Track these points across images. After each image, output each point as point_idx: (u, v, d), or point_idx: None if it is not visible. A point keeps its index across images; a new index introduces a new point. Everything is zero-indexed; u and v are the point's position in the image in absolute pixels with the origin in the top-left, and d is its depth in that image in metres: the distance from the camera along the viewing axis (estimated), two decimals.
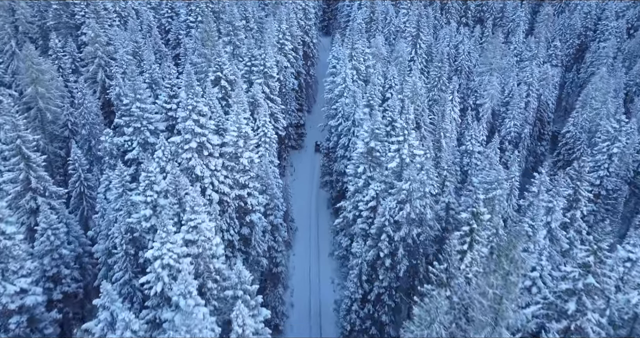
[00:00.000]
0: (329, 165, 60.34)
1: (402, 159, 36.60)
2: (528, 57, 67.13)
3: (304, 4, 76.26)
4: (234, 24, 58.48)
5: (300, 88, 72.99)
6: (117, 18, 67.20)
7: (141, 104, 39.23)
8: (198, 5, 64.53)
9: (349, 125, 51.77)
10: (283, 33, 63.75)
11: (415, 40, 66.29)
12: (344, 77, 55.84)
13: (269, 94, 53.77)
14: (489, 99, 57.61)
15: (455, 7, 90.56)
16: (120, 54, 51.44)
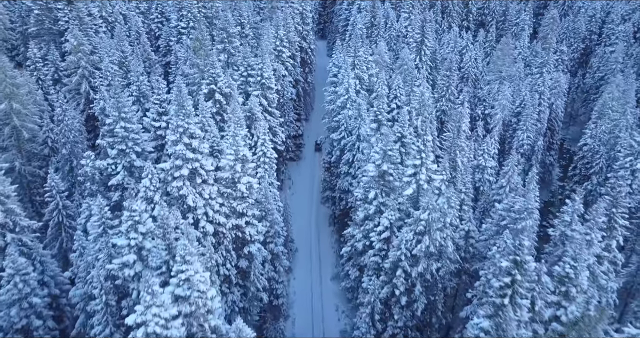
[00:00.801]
0: (331, 180, 55.96)
1: (419, 185, 32.31)
2: (537, 63, 63.11)
3: (301, 8, 71.74)
4: (228, 30, 53.88)
5: (298, 96, 68.54)
6: (103, 24, 62.44)
7: (126, 124, 34.61)
8: (190, 10, 59.85)
9: (354, 140, 47.43)
10: (280, 40, 59.26)
11: (420, 47, 62.07)
12: (347, 88, 51.49)
13: (267, 106, 49.31)
14: (500, 110, 53.50)
15: (456, 10, 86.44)
16: (105, 64, 46.72)
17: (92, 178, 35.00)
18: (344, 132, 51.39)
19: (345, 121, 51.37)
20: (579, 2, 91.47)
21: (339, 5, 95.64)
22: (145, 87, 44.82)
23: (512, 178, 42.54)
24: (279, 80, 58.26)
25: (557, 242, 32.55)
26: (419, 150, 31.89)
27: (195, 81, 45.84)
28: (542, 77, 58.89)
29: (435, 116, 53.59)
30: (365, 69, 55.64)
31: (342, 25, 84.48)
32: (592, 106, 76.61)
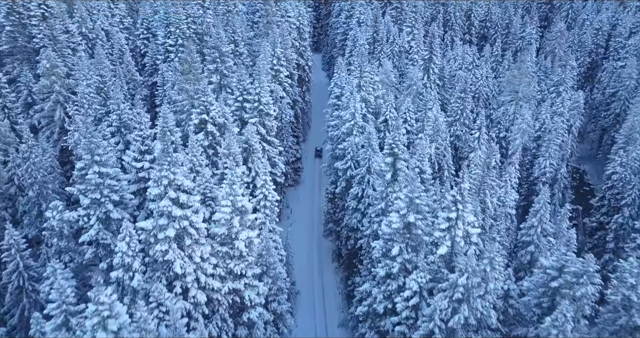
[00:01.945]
0: (335, 211, 49.99)
1: (454, 241, 26.44)
2: (553, 81, 57.87)
3: (298, 23, 65.95)
4: (220, 49, 47.80)
5: (296, 118, 62.65)
6: (83, 41, 56.04)
7: (101, 168, 28.32)
8: (178, 26, 53.69)
9: (363, 173, 41.51)
10: (278, 58, 53.33)
11: (428, 64, 56.53)
12: (353, 113, 45.64)
13: (266, 135, 43.29)
14: (519, 134, 48.02)
15: (459, 23, 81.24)
16: (81, 89, 40.39)
17: (59, 234, 28.63)
18: (351, 161, 45.49)
19: (351, 149, 45.48)
20: (583, 14, 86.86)
21: (335, 18, 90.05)
22: (126, 117, 38.56)
23: (544, 218, 36.92)
24: (277, 103, 52.32)
25: (619, 307, 26.90)
26: (455, 201, 26.03)
27: (184, 109, 39.69)
28: (561, 96, 53.57)
29: (449, 142, 47.95)
30: (371, 90, 49.87)
31: (340, 39, 78.84)
32: (604, 124, 72.05)
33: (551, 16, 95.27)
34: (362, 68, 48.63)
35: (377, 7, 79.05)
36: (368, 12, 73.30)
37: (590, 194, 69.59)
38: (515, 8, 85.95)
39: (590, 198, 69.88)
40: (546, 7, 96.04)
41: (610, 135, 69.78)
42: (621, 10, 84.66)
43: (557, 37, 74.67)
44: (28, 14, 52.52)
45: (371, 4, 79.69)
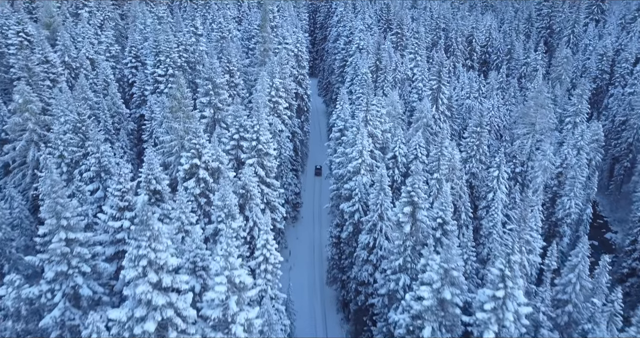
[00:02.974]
0: (340, 258, 44.50)
1: (501, 325, 21.11)
2: (570, 112, 53.51)
3: (297, 50, 61.43)
4: (214, 80, 42.94)
5: (295, 150, 57.53)
6: (65, 71, 50.93)
7: (69, 234, 22.84)
8: (169, 55, 48.75)
9: (375, 220, 36.23)
10: (276, 89, 48.50)
11: (436, 94, 51.99)
12: (361, 150, 40.61)
13: (265, 177, 38.05)
14: (540, 171, 43.29)
15: (460, 49, 77.42)
16: (56, 129, 35.01)
17: (16, 314, 22.94)
18: (359, 204, 40.28)
19: (359, 190, 40.34)
20: (585, 39, 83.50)
21: (333, 43, 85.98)
22: (106, 160, 33.19)
23: (583, 274, 31.77)
24: (275, 137, 47.31)
25: None
26: (503, 276, 20.83)
27: (173, 150, 34.44)
28: (579, 128, 49.08)
29: (464, 180, 43.00)
30: (378, 124, 45.04)
31: (339, 65, 74.43)
32: (614, 153, 67.74)
33: (551, 41, 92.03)
34: (369, 100, 43.81)
35: (377, 32, 75.10)
36: (368, 38, 69.16)
37: (604, 227, 64.96)
38: (516, 33, 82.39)
39: (605, 231, 65.32)
40: (545, 32, 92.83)
41: (623, 165, 65.52)
42: (624, 35, 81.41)
43: (563, 63, 70.87)
44: (6, 42, 47.52)
45: (370, 29, 75.69)
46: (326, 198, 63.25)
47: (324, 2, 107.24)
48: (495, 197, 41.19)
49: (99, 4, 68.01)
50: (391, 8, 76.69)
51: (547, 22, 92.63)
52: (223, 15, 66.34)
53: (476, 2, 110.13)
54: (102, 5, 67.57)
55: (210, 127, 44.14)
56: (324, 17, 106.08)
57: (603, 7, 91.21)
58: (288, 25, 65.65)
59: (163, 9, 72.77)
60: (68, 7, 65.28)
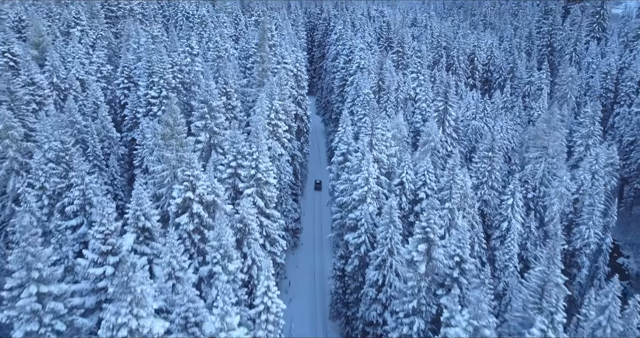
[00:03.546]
0: (344, 292, 41.25)
1: None
2: (581, 134, 51.05)
3: (296, 70, 59.02)
4: (210, 103, 40.20)
5: (295, 174, 54.63)
6: (53, 92, 48.10)
7: (42, 287, 19.68)
8: (162, 76, 46.03)
9: (385, 255, 33.18)
10: (275, 111, 45.82)
11: (442, 116, 49.43)
12: (367, 177, 37.74)
13: (264, 208, 35.02)
14: (557, 199, 40.53)
15: (462, 67, 75.38)
16: (37, 158, 31.94)
17: None
18: (365, 235, 37.29)
19: (365, 220, 37.38)
20: (588, 57, 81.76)
21: (332, 62, 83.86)
22: (91, 192, 30.14)
23: (614, 316, 28.75)
24: (275, 161, 44.46)
25: None
26: None
27: (165, 181, 31.43)
28: (594, 152, 46.49)
29: (476, 209, 40.15)
30: (384, 148, 42.30)
31: (338, 84, 72.03)
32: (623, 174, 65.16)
33: (552, 59, 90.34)
34: (374, 124, 41.12)
35: (377, 51, 73.05)
36: (369, 56, 66.93)
37: (615, 251, 62.10)
38: (518, 51, 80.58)
39: (616, 256, 62.46)
40: (546, 49, 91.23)
41: (633, 186, 63.11)
42: (627, 53, 79.74)
43: (568, 81, 68.73)
44: None
45: (370, 48, 73.61)
46: (327, 217, 61.10)
47: (321, 20, 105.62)
48: (511, 227, 38.38)
49: (91, 22, 65.58)
50: (391, 26, 74.71)
51: (547, 40, 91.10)
52: (220, 33, 64.06)
53: (475, 20, 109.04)
54: (95, 23, 65.12)
55: (206, 152, 41.24)
56: (322, 35, 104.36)
57: (604, 25, 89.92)
58: (286, 44, 63.39)
59: (158, 28, 70.49)
60: (59, 26, 62.80)
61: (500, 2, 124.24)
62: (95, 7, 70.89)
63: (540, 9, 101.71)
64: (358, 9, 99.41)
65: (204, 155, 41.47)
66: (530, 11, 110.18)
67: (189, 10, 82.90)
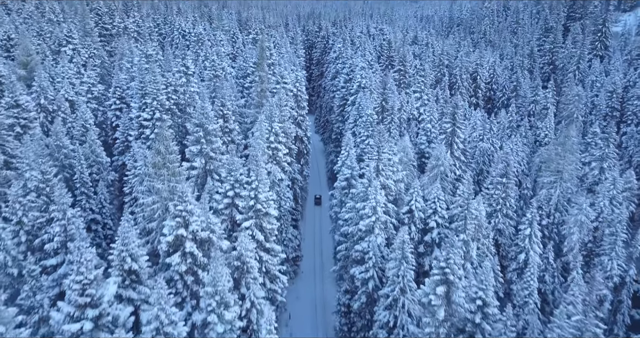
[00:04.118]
0: (350, 329, 38.02)
1: None
2: (596, 156, 48.57)
3: (296, 89, 56.66)
4: (206, 127, 37.51)
5: (295, 198, 51.79)
6: (40, 114, 45.35)
7: None
8: (156, 97, 43.41)
9: (396, 295, 30.17)
10: (275, 134, 43.15)
11: (450, 138, 46.87)
12: (374, 206, 34.92)
13: (264, 241, 32.01)
14: (576, 228, 37.78)
15: (465, 86, 73.35)
16: (14, 190, 28.95)
17: None
18: (373, 269, 34.31)
19: (373, 253, 34.46)
20: (592, 76, 79.98)
21: (331, 80, 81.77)
22: (73, 228, 27.15)
23: None
24: (275, 187, 41.64)
25: None
26: None
27: (155, 215, 28.47)
28: (610, 176, 43.91)
29: (491, 239, 37.31)
30: (391, 173, 39.58)
31: (339, 104, 69.69)
32: None
33: (554, 77, 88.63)
34: (380, 148, 38.45)
35: (378, 70, 71.00)
36: (370, 75, 64.74)
37: None
38: (521, 69, 78.80)
39: None
40: (548, 67, 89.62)
41: None
42: (632, 71, 78.03)
43: (574, 100, 66.68)
44: None
45: (371, 66, 71.55)
46: (327, 240, 58.54)
47: (320, 38, 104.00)
48: (529, 260, 35.53)
49: (84, 40, 63.21)
50: (392, 44, 72.78)
51: (549, 58, 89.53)
52: (217, 52, 61.79)
53: (475, 38, 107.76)
54: (88, 42, 62.75)
55: (201, 178, 38.39)
56: (321, 53, 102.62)
57: (606, 43, 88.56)
58: (286, 63, 61.15)
59: (154, 46, 68.31)
60: (50, 45, 60.38)
61: (499, 19, 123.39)
62: (89, 25, 68.68)
63: (540, 26, 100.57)
64: (357, 27, 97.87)
65: (199, 181, 38.63)
66: (530, 29, 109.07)
67: (186, 28, 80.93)
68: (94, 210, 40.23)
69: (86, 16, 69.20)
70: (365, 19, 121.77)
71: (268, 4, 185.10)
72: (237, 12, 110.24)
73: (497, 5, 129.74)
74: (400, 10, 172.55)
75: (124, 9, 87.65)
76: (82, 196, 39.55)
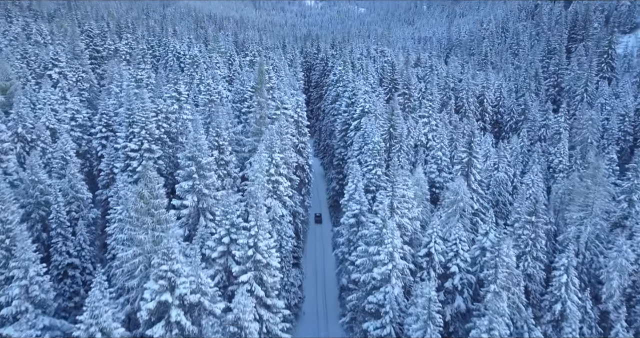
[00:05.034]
0: None
1: None
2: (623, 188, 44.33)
3: (297, 115, 52.50)
4: (199, 160, 32.98)
5: (297, 234, 47.05)
6: (17, 144, 40.72)
7: None
8: (144, 126, 38.93)
9: None
10: (276, 166, 38.64)
11: (466, 169, 42.54)
12: (391, 252, 30.26)
13: (265, 297, 27.12)
14: (616, 273, 33.25)
15: (472, 109, 69.59)
16: None
17: None
18: (390, 326, 29.44)
19: (391, 307, 29.64)
20: (601, 98, 76.60)
21: (331, 104, 77.81)
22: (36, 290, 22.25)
23: None
24: (275, 225, 36.94)
25: None
26: None
27: (135, 272, 23.64)
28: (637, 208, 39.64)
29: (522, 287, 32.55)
30: (406, 211, 35.01)
31: (340, 129, 65.41)
32: None
33: (560, 99, 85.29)
34: (395, 184, 33.95)
35: (382, 93, 67.16)
36: (374, 99, 60.82)
37: None
38: (529, 91, 75.32)
39: None
40: (554, 90, 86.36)
41: None
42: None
43: (587, 125, 62.86)
44: None
45: (374, 90, 67.74)
46: (330, 270, 54.03)
47: (318, 60, 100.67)
48: (568, 312, 30.81)
49: (72, 63, 59.01)
50: (396, 66, 69.17)
51: (554, 80, 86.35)
52: (212, 75, 57.74)
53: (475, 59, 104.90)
54: (76, 64, 58.56)
55: (193, 218, 33.68)
56: (319, 75, 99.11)
57: (612, 64, 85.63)
58: (285, 87, 57.11)
59: (147, 68, 64.32)
60: (35, 68, 56.11)
61: (497, 41, 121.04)
62: (79, 47, 64.68)
63: (543, 48, 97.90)
64: (356, 49, 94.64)
65: (190, 221, 33.91)
66: (531, 51, 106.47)
67: (180, 50, 77.16)
68: (72, 253, 35.38)
69: (76, 38, 65.26)
70: (364, 40, 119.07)
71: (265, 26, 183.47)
72: (234, 33, 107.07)
73: (496, 27, 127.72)
74: (397, 32, 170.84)
75: (117, 31, 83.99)
76: (58, 237, 34.75)
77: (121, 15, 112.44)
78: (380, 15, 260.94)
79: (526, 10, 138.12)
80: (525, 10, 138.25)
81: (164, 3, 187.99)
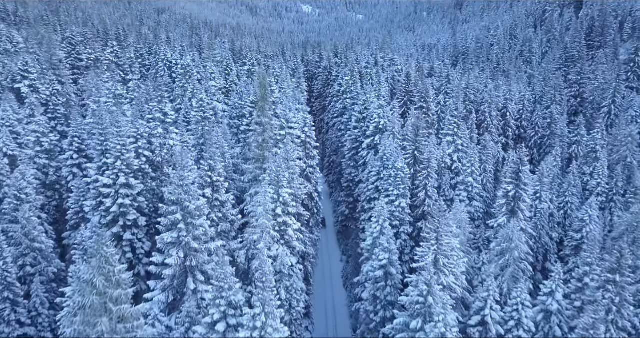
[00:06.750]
0: None
1: None
2: None
3: (305, 136, 44.40)
4: (186, 206, 24.79)
5: (306, 275, 38.92)
6: None
7: None
8: (121, 155, 30.59)
9: None
10: (284, 204, 30.54)
11: (513, 204, 34.55)
12: (443, 333, 22.16)
13: None
14: None
15: (494, 124, 61.83)
16: None
17: None
18: None
19: None
20: (631, 110, 69.04)
21: (338, 118, 69.83)
22: None
23: None
24: (282, 281, 28.84)
25: None
26: None
27: None
28: None
29: None
30: (452, 267, 26.91)
31: (350, 147, 57.20)
32: None
33: (582, 111, 77.69)
34: (439, 235, 25.89)
35: (397, 107, 59.16)
36: (388, 115, 52.91)
37: None
38: (554, 103, 67.68)
39: None
40: (575, 101, 78.78)
41: None
42: None
43: (627, 142, 55.18)
44: None
45: (388, 103, 59.82)
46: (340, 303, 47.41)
47: (321, 68, 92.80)
48: None
49: (46, 75, 50.67)
50: (411, 77, 61.33)
51: (576, 90, 78.78)
52: (206, 88, 49.64)
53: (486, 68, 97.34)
54: (50, 76, 50.25)
55: (178, 280, 25.48)
56: (322, 85, 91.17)
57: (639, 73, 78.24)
58: (290, 102, 49.03)
59: (135, 79, 56.11)
60: (1, 81, 47.80)
61: (507, 48, 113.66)
62: (57, 57, 56.44)
63: (561, 55, 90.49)
64: (362, 57, 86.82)
65: (175, 283, 25.72)
66: (544, 59, 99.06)
67: (172, 58, 69.01)
68: (24, 321, 27.11)
69: (53, 46, 57.02)
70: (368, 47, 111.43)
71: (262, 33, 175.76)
72: (231, 41, 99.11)
73: (504, 34, 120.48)
74: (398, 39, 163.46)
75: (104, 38, 75.71)
76: (5, 303, 26.48)
77: (114, 22, 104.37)
78: (379, 22, 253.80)
79: (534, 16, 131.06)
80: (533, 16, 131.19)
81: (159, 9, 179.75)
